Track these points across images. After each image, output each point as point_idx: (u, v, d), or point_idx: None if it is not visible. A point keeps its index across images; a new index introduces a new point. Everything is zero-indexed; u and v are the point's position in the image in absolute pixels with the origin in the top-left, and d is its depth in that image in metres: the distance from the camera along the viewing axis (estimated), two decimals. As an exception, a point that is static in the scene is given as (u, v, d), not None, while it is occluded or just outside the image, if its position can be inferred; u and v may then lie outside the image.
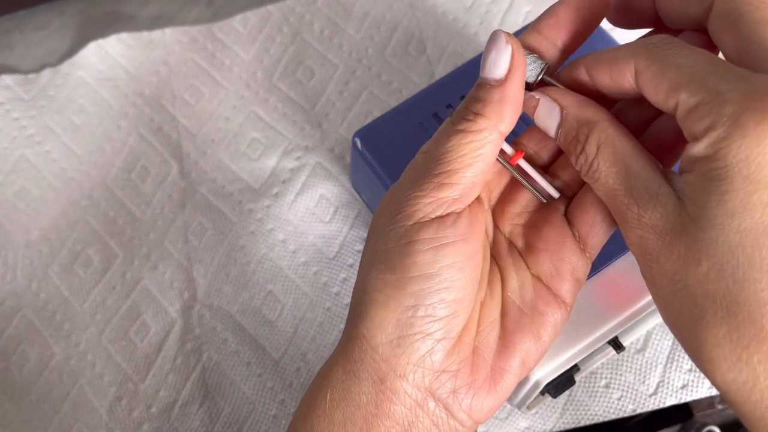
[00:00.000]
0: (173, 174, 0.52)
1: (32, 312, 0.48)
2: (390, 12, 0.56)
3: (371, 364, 0.26)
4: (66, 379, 0.46)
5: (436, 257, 0.25)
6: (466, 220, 0.26)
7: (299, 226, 0.49)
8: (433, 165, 0.26)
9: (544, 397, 0.38)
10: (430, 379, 0.26)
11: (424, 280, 0.25)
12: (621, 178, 0.24)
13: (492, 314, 0.27)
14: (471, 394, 0.26)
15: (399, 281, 0.25)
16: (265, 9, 0.57)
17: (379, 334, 0.26)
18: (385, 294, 0.26)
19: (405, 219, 0.26)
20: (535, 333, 0.27)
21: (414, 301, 0.25)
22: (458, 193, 0.26)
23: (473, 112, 0.26)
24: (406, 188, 0.26)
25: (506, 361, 0.27)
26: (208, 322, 0.46)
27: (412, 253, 0.25)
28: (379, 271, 0.26)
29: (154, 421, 0.44)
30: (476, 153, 0.25)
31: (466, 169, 0.26)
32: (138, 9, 0.60)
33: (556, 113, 0.26)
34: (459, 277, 0.25)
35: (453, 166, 0.25)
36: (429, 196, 0.26)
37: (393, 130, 0.41)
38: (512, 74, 0.25)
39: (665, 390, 0.42)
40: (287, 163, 0.51)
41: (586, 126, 0.25)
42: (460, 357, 0.26)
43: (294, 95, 0.54)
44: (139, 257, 0.49)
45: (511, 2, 0.55)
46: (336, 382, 0.26)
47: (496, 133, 0.26)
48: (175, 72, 0.56)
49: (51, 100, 0.55)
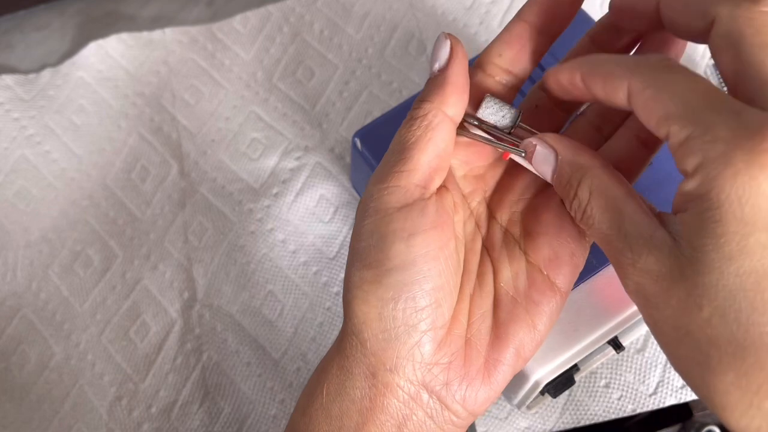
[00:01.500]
0: (173, 174, 0.52)
1: (32, 312, 0.48)
2: (390, 12, 0.56)
3: (362, 360, 0.26)
4: (66, 379, 0.46)
5: (408, 247, 0.25)
6: (434, 207, 0.26)
7: (299, 226, 0.49)
8: (390, 156, 0.27)
9: (544, 397, 0.38)
10: (422, 372, 0.26)
11: (399, 271, 0.25)
12: (614, 223, 0.24)
13: (483, 305, 0.28)
14: (464, 385, 0.26)
15: (375, 276, 0.26)
16: (265, 9, 0.57)
17: (365, 329, 0.26)
18: (364, 290, 0.26)
19: (373, 213, 0.26)
20: (529, 322, 0.27)
21: (393, 294, 0.25)
22: (418, 179, 0.26)
23: (419, 99, 0.27)
24: (371, 184, 0.27)
25: (500, 352, 0.27)
26: (208, 322, 0.46)
27: (384, 247, 0.26)
28: (357, 268, 0.26)
29: (154, 421, 0.44)
30: (426, 137, 0.26)
31: (420, 154, 0.26)
32: (138, 9, 0.60)
33: (551, 159, 0.26)
34: (434, 266, 0.26)
35: (407, 154, 0.26)
36: (391, 185, 0.26)
37: (393, 130, 0.40)
38: (451, 60, 0.27)
39: (665, 390, 0.42)
40: (287, 163, 0.51)
41: (578, 171, 0.25)
42: (451, 349, 0.26)
43: (294, 95, 0.54)
44: (139, 257, 0.49)
45: (511, 2, 0.56)
46: (332, 377, 0.27)
47: (440, 114, 0.26)
48: (175, 72, 0.56)
49: (51, 100, 0.55)
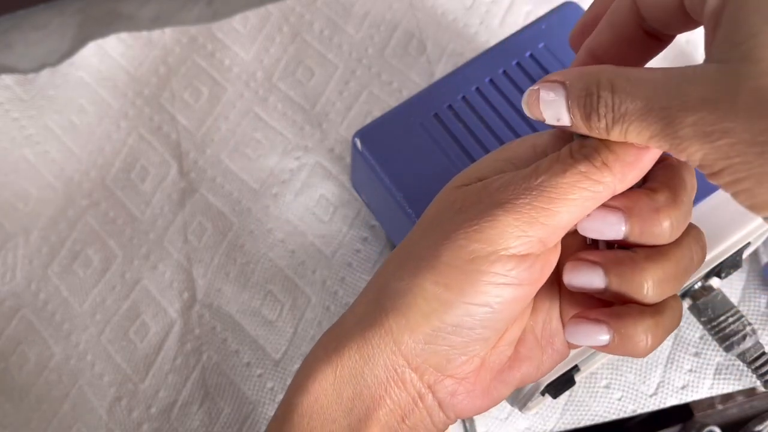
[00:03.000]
0: (173, 174, 0.52)
1: (32, 312, 0.48)
2: (390, 12, 0.56)
3: (389, 356, 0.26)
4: (66, 379, 0.46)
5: (500, 294, 0.24)
6: (541, 263, 0.25)
7: (299, 226, 0.48)
8: (536, 194, 0.24)
9: (544, 397, 0.38)
10: (435, 379, 0.26)
11: (475, 309, 0.25)
12: (648, 92, 0.22)
13: (511, 336, 0.27)
14: (467, 399, 0.27)
15: (451, 301, 0.25)
16: (265, 9, 0.57)
17: (408, 336, 0.25)
18: (432, 307, 0.25)
19: (482, 242, 0.24)
20: (539, 362, 0.28)
21: (457, 323, 0.25)
22: (546, 236, 0.24)
23: (603, 161, 0.24)
24: (491, 204, 0.24)
25: (507, 377, 0.27)
26: (208, 322, 0.46)
27: (476, 283, 0.24)
28: (432, 282, 0.25)
29: (153, 421, 0.44)
30: (585, 202, 0.24)
31: (566, 215, 0.24)
32: (138, 9, 0.60)
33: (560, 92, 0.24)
34: (507, 314, 0.25)
35: (556, 206, 0.24)
36: (518, 228, 0.24)
37: (393, 130, 0.40)
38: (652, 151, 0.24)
39: (665, 390, 0.42)
40: (287, 163, 0.51)
41: (591, 76, 0.23)
42: (469, 368, 0.26)
43: (294, 95, 0.54)
44: (138, 257, 0.49)
45: (511, 2, 0.55)
46: (347, 359, 0.26)
47: (610, 192, 0.24)
48: (174, 72, 0.56)
49: (50, 100, 0.55)
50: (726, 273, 0.38)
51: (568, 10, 0.43)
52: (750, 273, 0.44)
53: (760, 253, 0.44)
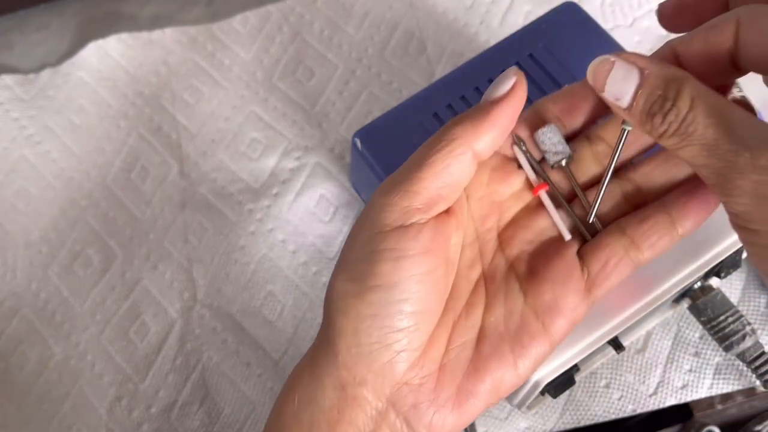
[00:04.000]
0: (173, 174, 0.52)
1: (32, 312, 0.48)
2: (390, 12, 0.56)
3: (333, 371, 0.26)
4: (66, 379, 0.46)
5: (395, 268, 0.25)
6: (430, 232, 0.26)
7: (299, 226, 0.49)
8: (404, 171, 0.26)
9: (544, 397, 0.38)
10: (390, 389, 0.26)
11: (383, 290, 0.25)
12: (722, 127, 0.22)
13: (465, 335, 0.27)
14: (432, 410, 0.26)
15: (359, 290, 0.25)
16: (265, 9, 0.57)
17: (340, 341, 0.26)
18: (346, 302, 0.26)
19: (369, 227, 0.26)
20: (512, 363, 0.27)
21: (373, 311, 0.25)
22: (421, 203, 0.25)
23: (453, 122, 0.26)
24: (377, 194, 0.26)
25: (475, 384, 0.26)
26: (208, 323, 0.46)
27: (372, 263, 0.25)
28: (342, 279, 0.26)
29: (154, 421, 0.44)
30: (443, 162, 0.25)
31: (432, 179, 0.25)
32: (138, 9, 0.60)
33: (634, 75, 0.24)
34: (418, 289, 0.25)
35: (420, 173, 0.25)
36: (394, 203, 0.25)
37: (393, 130, 0.40)
38: (506, 99, 0.26)
39: (665, 390, 0.42)
40: (287, 163, 0.51)
41: (675, 81, 0.23)
42: (423, 371, 0.26)
43: (294, 95, 0.54)
44: (138, 257, 0.49)
45: (511, 2, 0.55)
46: (303, 385, 0.27)
47: (468, 149, 0.25)
48: (175, 72, 0.56)
49: (51, 100, 0.55)
50: (725, 273, 0.38)
51: (568, 10, 0.43)
52: (749, 273, 0.44)
53: (760, 253, 0.44)
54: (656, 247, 0.27)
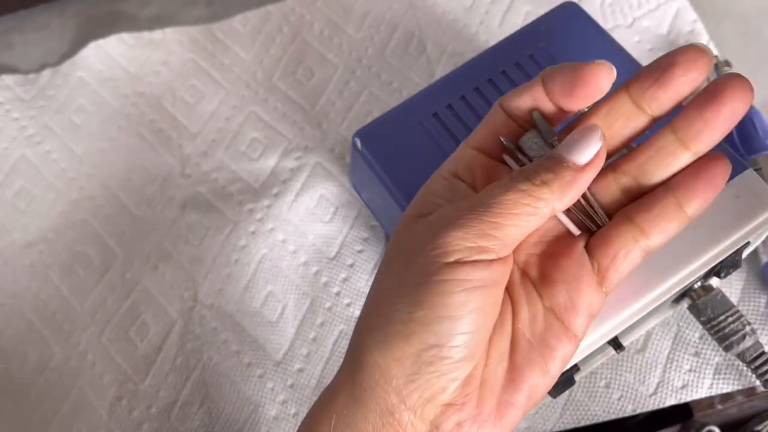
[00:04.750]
0: (173, 174, 0.52)
1: (32, 312, 0.48)
2: (390, 12, 0.56)
3: (381, 395, 0.25)
4: (66, 379, 0.46)
5: (467, 300, 0.25)
6: (499, 265, 0.26)
7: (299, 226, 0.49)
8: (483, 211, 0.26)
9: (544, 397, 0.38)
10: (435, 412, 0.26)
11: (450, 321, 0.25)
12: None
13: (501, 347, 0.27)
14: (476, 426, 0.26)
15: (425, 318, 0.25)
16: (265, 9, 0.57)
17: (395, 366, 0.25)
18: (410, 329, 0.25)
19: (442, 256, 0.25)
20: (543, 366, 0.27)
21: (436, 341, 0.25)
22: (498, 247, 0.26)
23: (542, 179, 0.26)
24: (445, 223, 0.26)
25: (512, 394, 0.27)
26: (209, 323, 0.46)
27: (443, 293, 0.25)
28: (405, 303, 0.26)
29: (154, 421, 0.44)
30: (527, 217, 0.26)
31: (512, 229, 0.25)
32: (138, 9, 0.60)
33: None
34: (483, 322, 0.25)
35: (502, 220, 0.25)
36: (471, 240, 0.25)
37: (393, 130, 0.40)
38: (591, 167, 0.26)
39: (665, 390, 0.42)
40: (287, 163, 0.51)
41: None
42: (466, 390, 0.26)
43: (294, 95, 0.54)
44: (139, 257, 0.49)
45: (510, 2, 0.55)
46: (341, 408, 0.26)
47: (550, 208, 0.26)
48: (175, 72, 0.56)
49: (51, 100, 0.55)
50: (725, 273, 0.38)
51: (568, 11, 0.43)
52: (749, 273, 0.44)
53: (760, 252, 0.44)
54: (666, 232, 0.27)
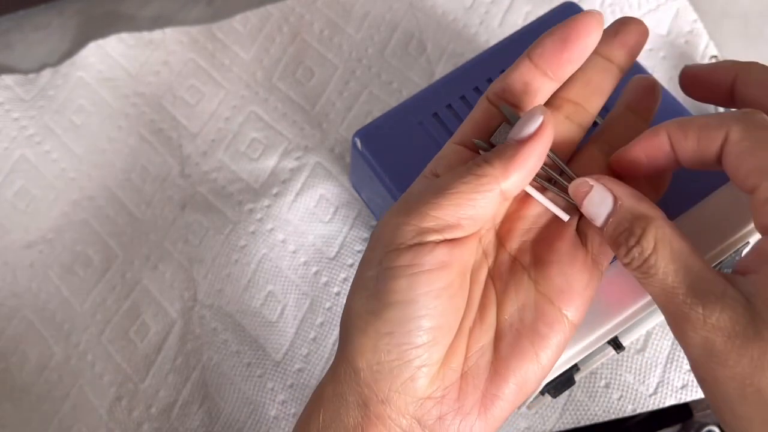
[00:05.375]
0: (173, 174, 0.52)
1: (32, 312, 0.48)
2: (390, 12, 0.56)
3: (355, 388, 0.26)
4: (66, 379, 0.46)
5: (411, 285, 0.25)
6: (446, 248, 0.26)
7: (299, 226, 0.49)
8: (426, 193, 0.26)
9: (544, 397, 0.38)
10: (414, 406, 0.26)
11: (400, 307, 0.25)
12: (681, 276, 0.24)
13: (482, 339, 0.27)
14: (458, 419, 0.26)
15: (376, 308, 0.25)
16: (265, 9, 0.57)
17: (359, 359, 0.26)
18: (365, 320, 0.26)
19: (386, 245, 0.26)
20: (533, 356, 0.27)
21: (390, 328, 0.25)
22: (438, 226, 0.26)
23: (484, 159, 0.26)
24: (393, 213, 0.27)
25: (499, 387, 0.26)
26: (209, 323, 0.46)
27: (388, 280, 0.25)
28: (360, 296, 0.26)
29: (154, 421, 0.44)
30: (469, 196, 0.26)
31: (453, 208, 0.25)
32: (138, 9, 0.60)
33: (608, 202, 0.26)
34: (436, 305, 0.25)
35: (443, 200, 0.25)
36: (410, 223, 0.26)
37: (393, 130, 0.41)
38: (533, 140, 0.26)
39: (665, 390, 0.42)
40: (287, 163, 0.51)
41: (642, 220, 0.25)
42: (445, 383, 0.26)
43: (294, 95, 0.54)
44: (139, 257, 0.49)
45: (510, 2, 0.55)
46: (327, 403, 0.26)
47: (495, 186, 0.26)
48: (175, 72, 0.56)
49: (51, 100, 0.55)
50: (725, 273, 0.38)
51: (568, 10, 0.43)
52: (749, 273, 0.44)
53: (760, 253, 0.44)
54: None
